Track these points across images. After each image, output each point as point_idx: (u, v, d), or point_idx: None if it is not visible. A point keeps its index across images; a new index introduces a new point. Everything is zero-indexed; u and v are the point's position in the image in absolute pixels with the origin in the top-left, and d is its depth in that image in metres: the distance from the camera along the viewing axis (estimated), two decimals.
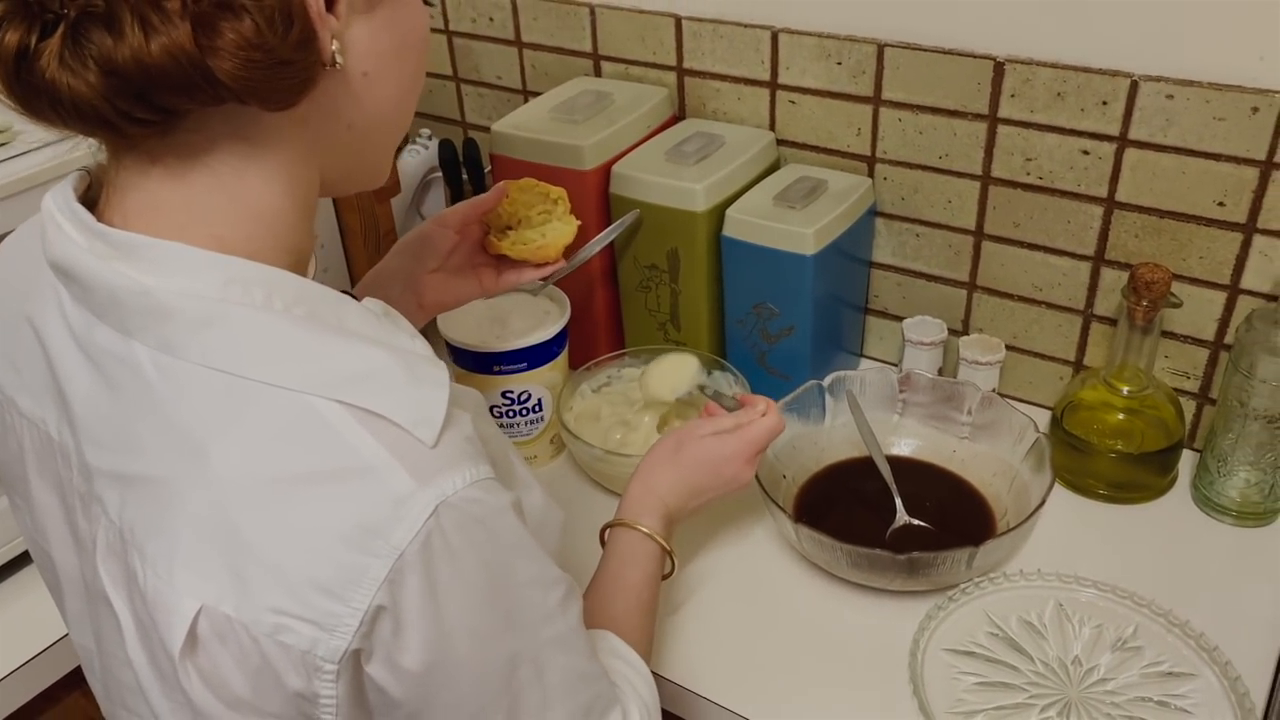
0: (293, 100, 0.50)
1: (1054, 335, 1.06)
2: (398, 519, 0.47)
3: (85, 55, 0.45)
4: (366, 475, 0.47)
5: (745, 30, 1.07)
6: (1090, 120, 0.94)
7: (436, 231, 0.87)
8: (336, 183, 0.59)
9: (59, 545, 0.60)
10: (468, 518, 0.49)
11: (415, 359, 0.53)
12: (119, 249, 0.51)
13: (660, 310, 1.11)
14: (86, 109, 0.46)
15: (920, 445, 1.01)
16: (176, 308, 0.49)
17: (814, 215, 1.00)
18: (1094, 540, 0.95)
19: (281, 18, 0.47)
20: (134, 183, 0.52)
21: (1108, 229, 0.97)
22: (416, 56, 0.58)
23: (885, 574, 0.85)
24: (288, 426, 0.48)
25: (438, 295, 0.87)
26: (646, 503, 0.80)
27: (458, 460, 0.49)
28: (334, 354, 0.50)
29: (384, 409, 0.49)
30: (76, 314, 0.52)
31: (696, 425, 0.85)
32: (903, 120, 1.03)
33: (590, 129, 1.07)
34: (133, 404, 0.51)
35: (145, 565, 0.50)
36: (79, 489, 0.55)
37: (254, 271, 0.51)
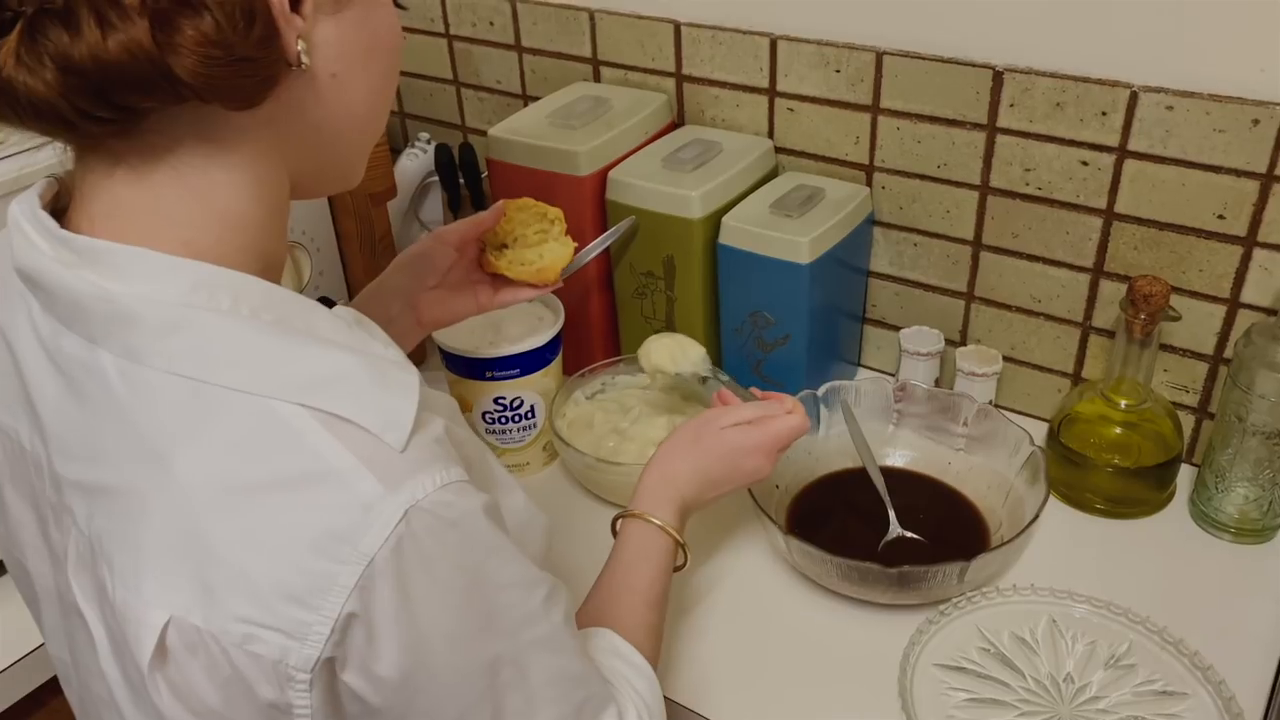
0: (255, 99, 0.49)
1: (1052, 347, 1.05)
2: (366, 525, 0.46)
3: (42, 53, 0.45)
4: (333, 481, 0.47)
5: (744, 37, 1.07)
6: (1089, 131, 0.93)
7: (436, 248, 0.86)
8: (308, 185, 0.58)
9: (34, 557, 0.59)
10: (440, 521, 0.48)
11: (385, 363, 0.52)
12: (83, 255, 0.50)
13: (656, 317, 1.10)
14: (44, 108, 0.46)
15: (915, 457, 1.00)
16: (141, 314, 0.49)
17: (810, 224, 1.00)
18: (1090, 555, 0.94)
19: (243, 15, 0.47)
20: (99, 186, 0.51)
21: (1107, 240, 0.97)
22: (387, 58, 0.57)
23: (876, 587, 0.84)
24: (251, 432, 0.48)
25: (435, 312, 0.87)
26: (661, 493, 0.78)
27: (428, 463, 0.49)
28: (300, 358, 0.50)
29: (350, 413, 0.48)
30: (44, 323, 0.52)
31: (716, 415, 0.83)
32: (901, 129, 1.02)
33: (587, 135, 1.07)
34: (99, 413, 0.50)
35: (114, 576, 0.49)
36: (50, 500, 0.55)
37: (221, 276, 0.50)
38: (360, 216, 1.13)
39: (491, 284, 0.88)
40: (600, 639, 0.67)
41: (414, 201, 1.32)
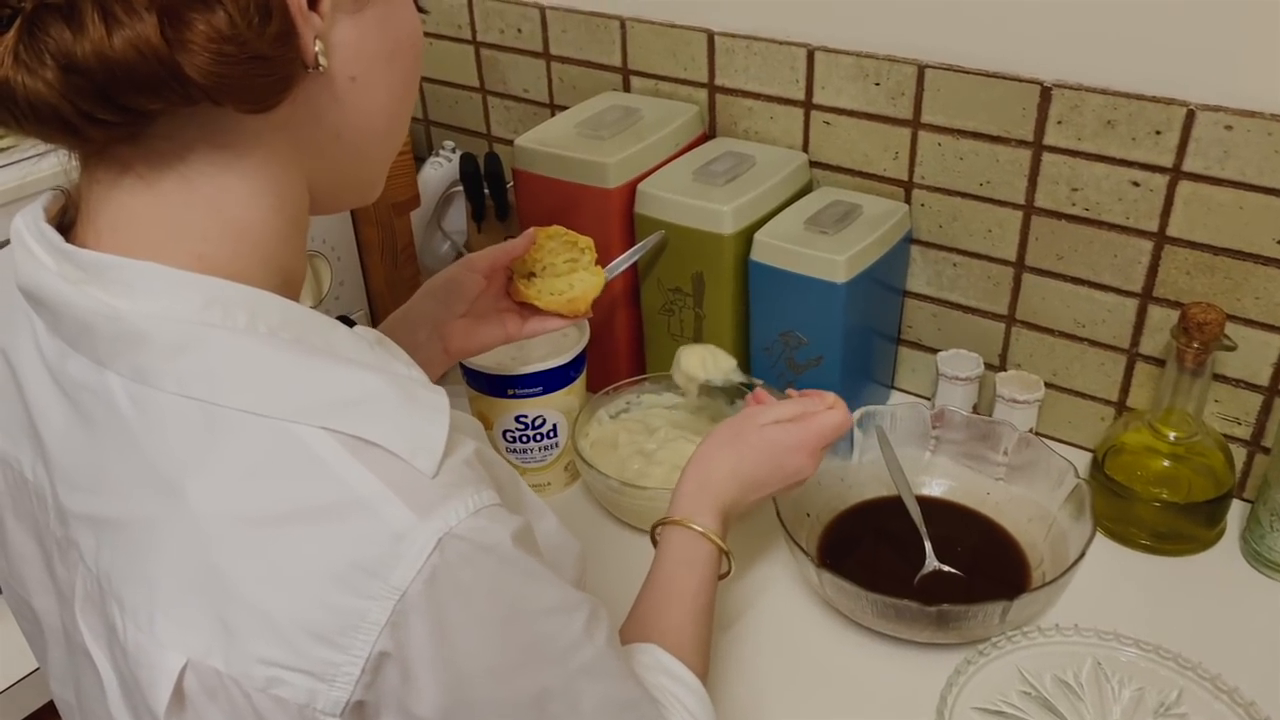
0: (270, 101, 0.46)
1: (1096, 374, 1.00)
2: (397, 556, 0.43)
3: (42, 51, 0.41)
4: (359, 510, 0.43)
5: (780, 47, 1.04)
6: (1142, 150, 0.89)
7: (465, 275, 0.84)
8: (326, 199, 0.55)
9: (39, 593, 0.56)
10: (475, 548, 0.44)
11: (411, 383, 0.49)
12: (90, 271, 0.47)
13: (683, 335, 1.07)
14: (44, 110, 0.43)
15: (952, 486, 0.96)
16: (150, 332, 0.45)
17: (847, 241, 0.96)
18: (1134, 594, 0.90)
19: (258, 10, 0.44)
20: (105, 196, 0.48)
21: (1157, 265, 0.92)
22: (408, 63, 0.54)
23: (913, 625, 0.80)
24: (269, 458, 0.44)
25: (463, 341, 0.84)
26: (702, 498, 0.75)
27: (460, 487, 0.45)
28: (322, 379, 0.47)
29: (377, 436, 0.45)
30: (50, 344, 0.49)
31: (755, 413, 0.80)
32: (942, 145, 0.98)
33: (616, 146, 1.04)
34: (106, 440, 0.47)
35: (125, 616, 0.46)
36: (55, 534, 0.52)
37: (236, 292, 0.47)
38: (382, 225, 1.10)
39: (519, 313, 0.86)
40: (646, 655, 0.64)
41: (437, 211, 1.29)
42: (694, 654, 0.67)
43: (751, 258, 0.99)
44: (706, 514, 0.74)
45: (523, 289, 0.85)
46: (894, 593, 0.79)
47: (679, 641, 0.66)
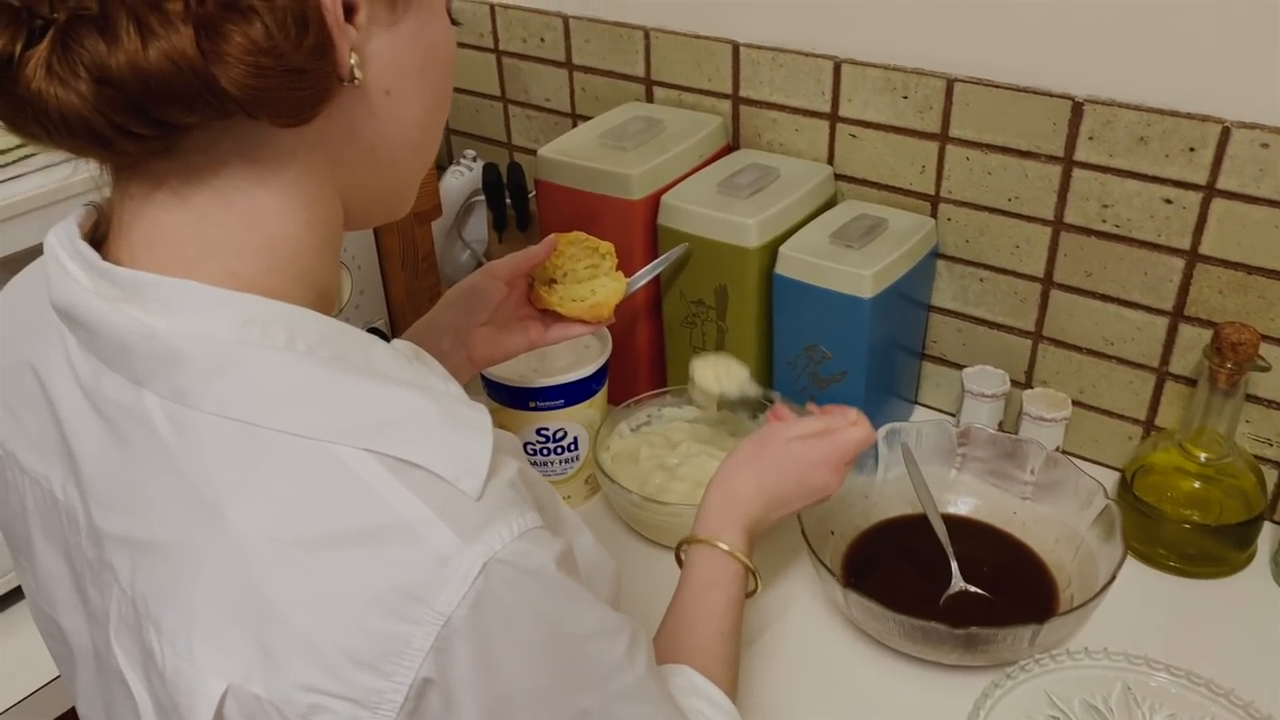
0: (306, 115, 0.46)
1: (1124, 392, 0.99)
2: (442, 581, 0.42)
3: (75, 62, 0.41)
4: (403, 533, 0.42)
5: (807, 60, 1.03)
6: (1175, 167, 0.88)
7: (487, 283, 0.83)
8: (356, 214, 0.54)
9: (68, 613, 0.55)
10: (520, 572, 0.43)
11: (452, 401, 0.48)
12: (125, 289, 0.46)
13: (705, 348, 1.06)
14: (76, 123, 0.42)
15: (978, 505, 0.95)
16: (189, 352, 0.45)
17: (873, 256, 0.95)
18: (1162, 617, 0.88)
19: (295, 21, 0.43)
20: (138, 212, 0.48)
21: (1189, 283, 0.91)
22: (442, 77, 0.53)
23: (941, 647, 0.79)
24: (312, 480, 0.43)
25: (487, 349, 0.83)
26: (727, 515, 0.74)
27: (504, 510, 0.44)
28: (363, 398, 0.46)
29: (420, 458, 0.44)
30: (83, 362, 0.48)
31: (779, 428, 0.79)
32: (970, 159, 0.97)
33: (640, 157, 1.03)
34: (143, 460, 0.46)
35: (162, 640, 0.45)
36: (88, 555, 0.51)
37: (274, 310, 0.47)
38: (404, 235, 1.09)
39: (541, 320, 0.85)
40: (680, 678, 0.63)
41: (457, 220, 1.28)
42: (725, 675, 0.66)
43: (776, 271, 0.98)
44: (732, 531, 0.73)
45: (544, 295, 0.84)
46: (920, 614, 0.78)
47: (708, 662, 0.65)
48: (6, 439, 0.55)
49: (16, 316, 0.56)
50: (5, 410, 0.55)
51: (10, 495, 0.56)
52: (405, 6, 0.49)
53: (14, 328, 0.55)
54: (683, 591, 0.71)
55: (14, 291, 0.58)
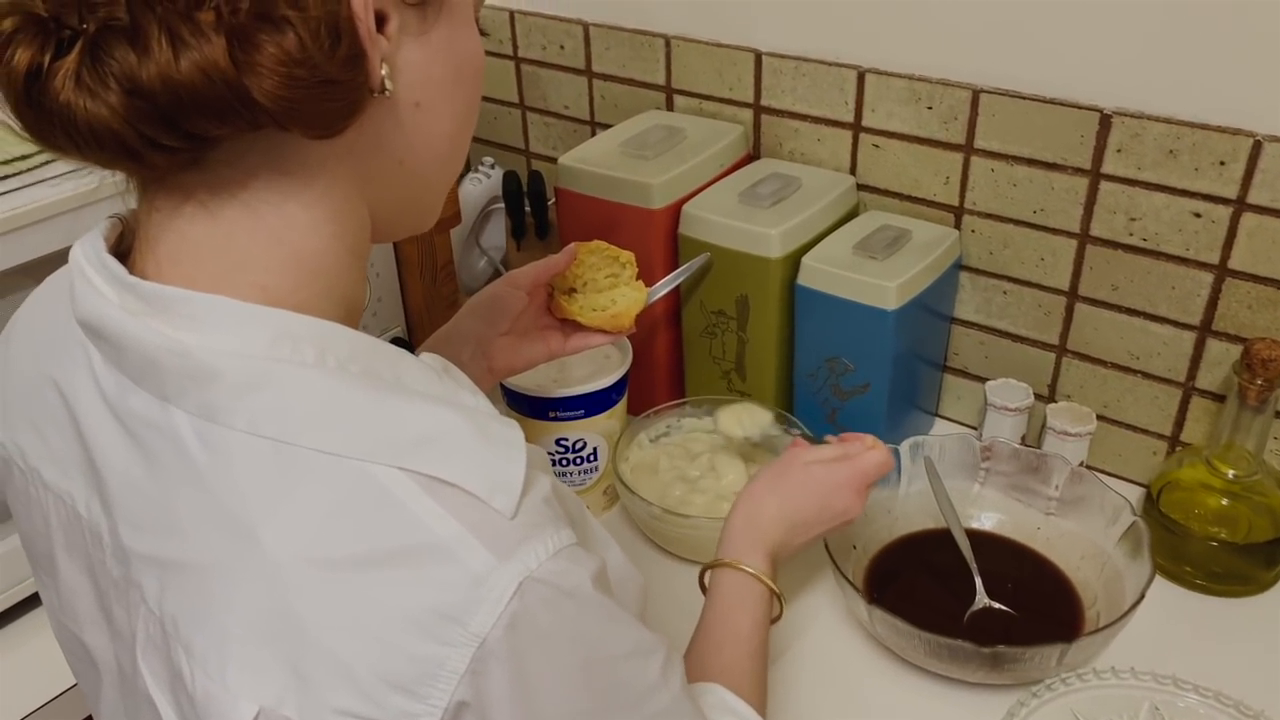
0: (338, 127, 0.45)
1: (1149, 407, 0.98)
2: (477, 601, 0.41)
3: (106, 74, 0.40)
4: (439, 553, 0.42)
5: (830, 69, 1.02)
6: (1205, 181, 0.87)
7: (508, 292, 0.83)
8: (384, 226, 0.54)
9: (92, 630, 0.54)
10: (556, 592, 0.43)
11: (484, 417, 0.47)
12: (153, 303, 0.46)
13: (725, 358, 1.05)
14: (106, 135, 0.41)
15: (1001, 520, 0.94)
16: (220, 369, 0.44)
17: (897, 268, 0.94)
18: (1187, 635, 0.87)
19: (328, 32, 0.42)
20: (165, 225, 0.47)
21: (1217, 298, 0.90)
22: (472, 87, 0.53)
23: (966, 666, 0.78)
24: (345, 500, 0.43)
25: (507, 358, 0.83)
26: (750, 540, 0.74)
27: (539, 527, 0.44)
28: (395, 416, 0.45)
29: (454, 476, 0.43)
30: (109, 377, 0.47)
31: (798, 453, 0.79)
32: (996, 170, 0.97)
33: (660, 166, 1.02)
34: (172, 479, 0.45)
35: (193, 662, 0.44)
36: (113, 573, 0.50)
37: (304, 326, 0.46)
38: (423, 242, 1.09)
39: (562, 329, 0.85)
40: (712, 695, 0.62)
41: (475, 227, 1.28)
42: (755, 693, 0.66)
43: (798, 282, 0.97)
44: (755, 555, 0.73)
45: (564, 305, 0.84)
46: (945, 631, 0.77)
47: (738, 680, 0.65)
48: (29, 454, 0.54)
49: (39, 330, 0.55)
50: (28, 425, 0.54)
51: (33, 511, 0.55)
52: (435, 16, 0.49)
53: (37, 342, 0.55)
54: (709, 615, 0.70)
55: (36, 304, 0.57)
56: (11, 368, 0.56)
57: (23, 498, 0.56)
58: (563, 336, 0.85)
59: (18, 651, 0.88)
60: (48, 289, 0.57)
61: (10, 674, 0.86)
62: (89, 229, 0.51)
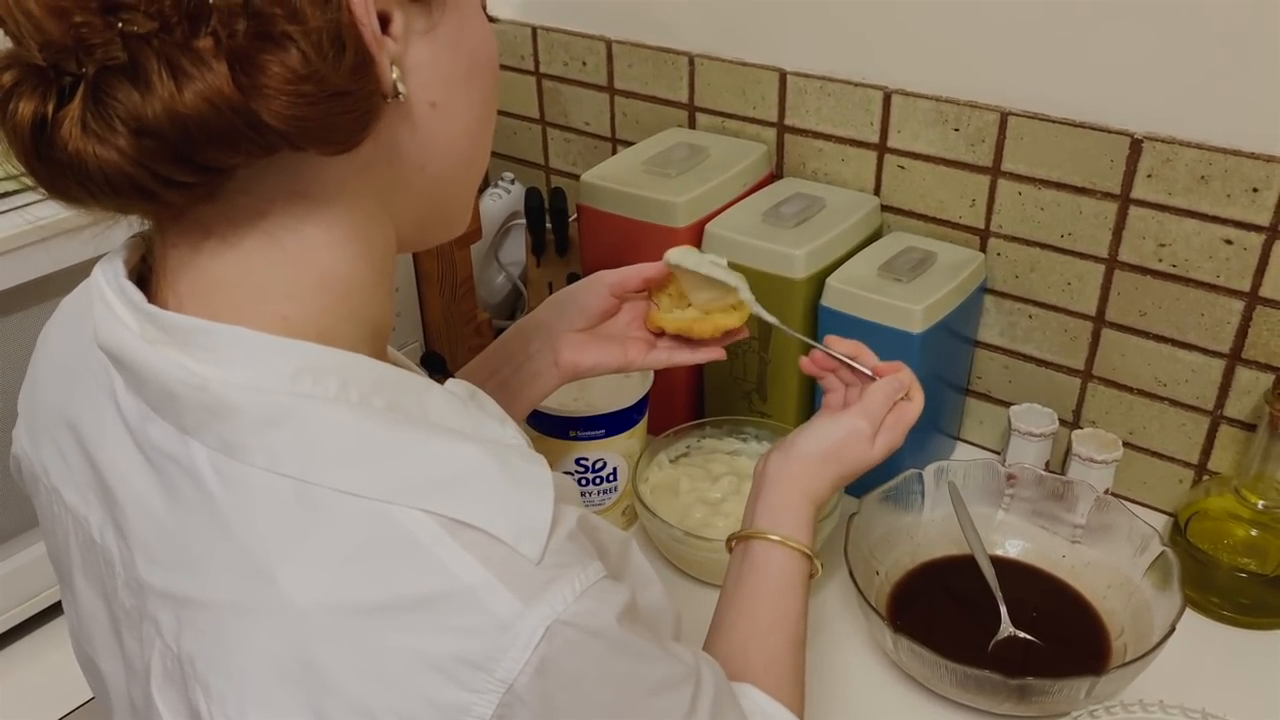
0: (354, 140, 0.43)
1: (1176, 435, 0.97)
2: (503, 648, 0.40)
3: (111, 116, 0.38)
4: (463, 597, 0.40)
5: (855, 89, 1.01)
6: (1237, 208, 0.86)
7: (588, 287, 0.79)
8: (412, 237, 0.52)
9: (106, 656, 0.53)
10: (584, 633, 0.42)
11: (510, 454, 0.45)
12: (172, 334, 0.44)
13: (747, 379, 1.04)
14: (119, 179, 0.40)
15: (1026, 547, 0.93)
16: (239, 404, 0.43)
17: (923, 290, 0.93)
18: (1216, 667, 0.86)
19: (331, 42, 0.40)
20: (186, 261, 0.46)
21: (1248, 326, 0.89)
22: (487, 80, 0.51)
23: (993, 697, 0.77)
24: (367, 543, 0.41)
25: (576, 355, 0.77)
26: (803, 517, 0.69)
27: (566, 566, 0.42)
28: (419, 454, 0.44)
29: (480, 520, 0.42)
30: (131, 404, 0.46)
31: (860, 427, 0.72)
32: (1023, 194, 0.96)
33: (684, 184, 1.02)
34: (191, 514, 0.44)
35: (211, 703, 0.43)
36: (125, 604, 0.49)
37: (327, 358, 0.45)
38: (443, 257, 1.08)
39: (649, 342, 0.79)
40: (745, 700, 0.59)
41: (494, 243, 1.27)
42: (794, 691, 0.63)
43: (823, 303, 0.96)
44: (808, 534, 0.69)
45: (655, 317, 0.78)
46: (971, 661, 0.76)
47: (778, 678, 0.63)
48: (52, 474, 0.54)
49: (60, 354, 0.54)
50: (52, 447, 0.53)
51: (56, 529, 0.55)
52: (441, 9, 0.47)
53: (56, 369, 0.54)
54: (758, 592, 0.67)
55: (63, 320, 0.56)
56: (38, 388, 0.56)
57: (48, 514, 0.55)
58: (645, 348, 0.79)
59: (33, 666, 0.87)
60: (75, 301, 0.56)
61: (26, 688, 0.85)
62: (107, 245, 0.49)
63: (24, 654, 0.89)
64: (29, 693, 0.85)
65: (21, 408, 0.57)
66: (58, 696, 0.82)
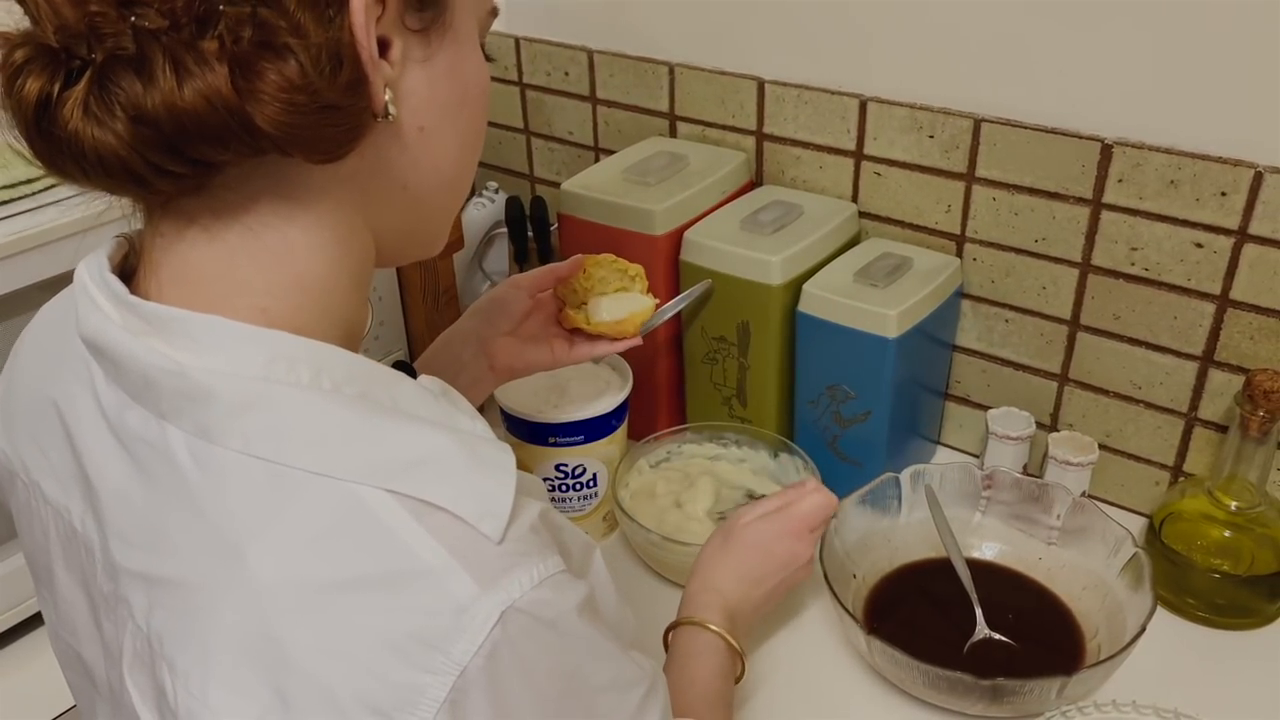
0: (339, 152, 0.45)
1: (1151, 437, 0.98)
2: (459, 630, 0.41)
3: (112, 103, 0.41)
4: (423, 579, 0.42)
5: (832, 97, 1.02)
6: (1206, 211, 0.87)
7: (509, 293, 0.84)
8: (390, 251, 0.54)
9: (89, 645, 0.54)
10: (537, 622, 0.43)
11: (476, 441, 0.47)
12: (152, 323, 0.46)
13: (726, 385, 1.05)
14: (112, 162, 0.42)
15: (1002, 549, 0.94)
16: (215, 389, 0.44)
17: (898, 295, 0.94)
18: (1191, 668, 0.86)
19: (329, 59, 0.42)
20: (169, 250, 0.48)
21: (1219, 328, 0.90)
22: (477, 112, 0.53)
23: (965, 698, 0.77)
24: (333, 523, 0.43)
25: (509, 360, 0.84)
26: (705, 599, 0.77)
27: (525, 555, 0.44)
28: (387, 438, 0.45)
29: (443, 499, 0.43)
30: (109, 394, 0.48)
31: (741, 513, 0.83)
32: (997, 199, 0.97)
33: (663, 192, 1.03)
34: (165, 496, 0.46)
35: (176, 680, 0.44)
36: (104, 589, 0.50)
37: (300, 347, 0.46)
38: (426, 266, 1.09)
39: (568, 338, 0.85)
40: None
41: (478, 252, 1.28)
42: None
43: (800, 309, 0.97)
44: (712, 612, 0.75)
45: (572, 316, 0.84)
46: (945, 662, 0.76)
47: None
48: (32, 468, 0.55)
49: (46, 347, 0.56)
50: (31, 440, 0.55)
51: (34, 525, 0.56)
52: (440, 41, 0.49)
53: (40, 360, 0.55)
54: (668, 671, 0.71)
55: (44, 320, 0.58)
56: (17, 383, 0.57)
57: (26, 511, 0.57)
58: (568, 344, 0.85)
59: (16, 674, 0.88)
60: (56, 306, 0.58)
61: (19, 690, 0.86)
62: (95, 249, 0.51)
63: (17, 657, 0.89)
64: (20, 695, 0.85)
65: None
66: (49, 699, 0.83)
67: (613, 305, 0.83)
